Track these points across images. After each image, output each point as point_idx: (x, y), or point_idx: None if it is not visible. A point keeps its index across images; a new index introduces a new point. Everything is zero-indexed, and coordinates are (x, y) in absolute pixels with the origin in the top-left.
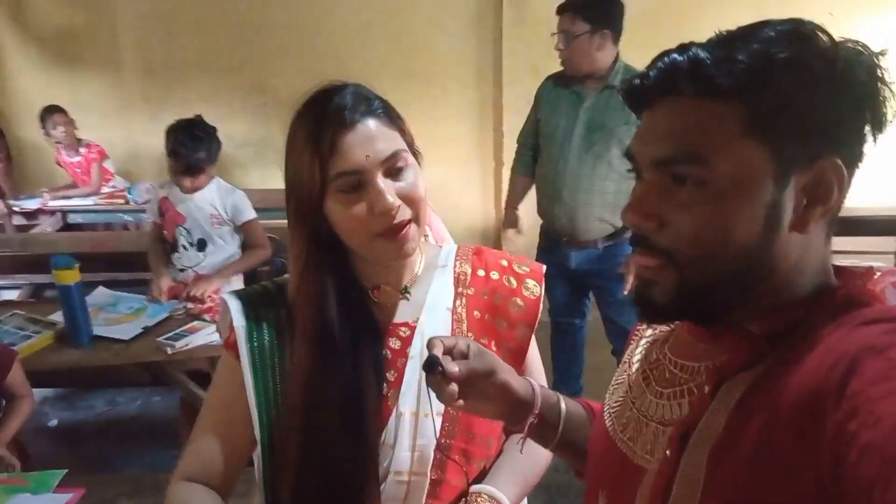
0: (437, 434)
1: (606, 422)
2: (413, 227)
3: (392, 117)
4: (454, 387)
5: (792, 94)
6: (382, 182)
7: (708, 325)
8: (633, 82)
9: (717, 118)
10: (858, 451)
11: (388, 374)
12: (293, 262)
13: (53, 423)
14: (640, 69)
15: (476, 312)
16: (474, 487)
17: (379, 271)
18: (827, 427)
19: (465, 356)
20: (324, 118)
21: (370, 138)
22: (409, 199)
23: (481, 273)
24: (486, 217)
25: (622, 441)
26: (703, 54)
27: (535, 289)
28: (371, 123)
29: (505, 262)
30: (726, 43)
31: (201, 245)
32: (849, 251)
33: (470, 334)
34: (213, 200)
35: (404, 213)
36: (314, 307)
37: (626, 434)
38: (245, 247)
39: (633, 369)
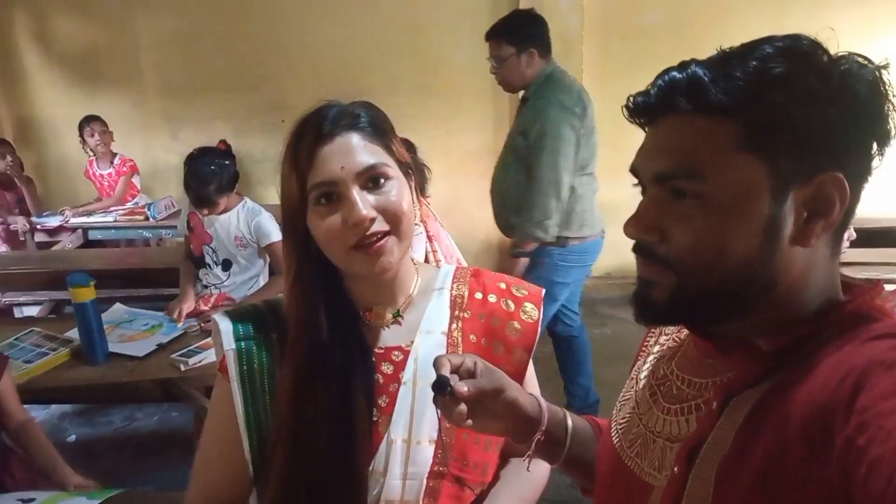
0: (431, 462)
1: (613, 438)
2: (391, 240)
3: (378, 132)
4: (463, 407)
5: (787, 110)
6: (357, 194)
7: (705, 334)
8: (636, 99)
9: (713, 134)
10: (867, 466)
11: (379, 400)
12: (285, 278)
13: (72, 438)
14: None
15: (472, 336)
16: None
17: (371, 292)
18: (836, 442)
19: (472, 374)
20: (303, 131)
21: (348, 150)
22: (387, 212)
23: (479, 296)
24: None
25: (629, 457)
26: (700, 72)
27: (533, 312)
28: (351, 137)
29: (503, 285)
30: (724, 60)
31: (226, 265)
32: (871, 262)
33: (462, 353)
34: (238, 222)
35: (380, 226)
36: (304, 325)
37: (633, 450)
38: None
39: (641, 385)
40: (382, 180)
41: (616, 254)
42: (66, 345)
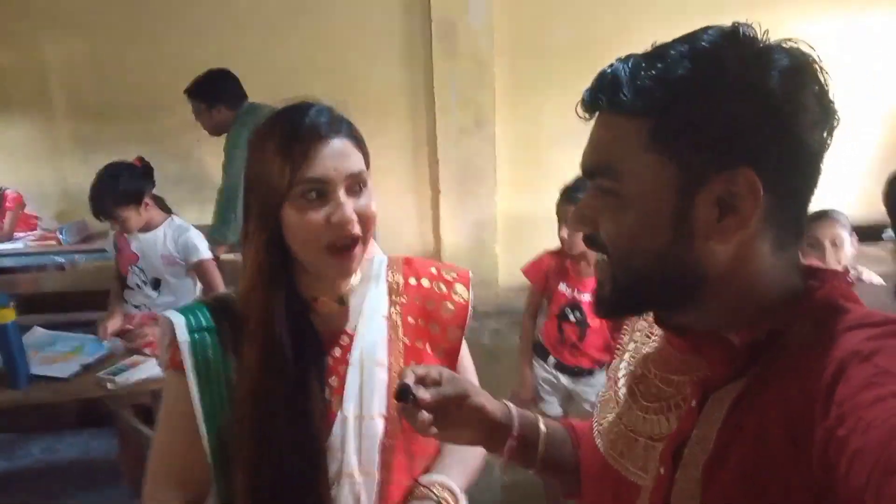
0: (382, 434)
1: (596, 439)
2: (360, 246)
3: (359, 141)
4: (425, 414)
5: (690, 112)
6: (344, 195)
7: (675, 330)
8: (583, 94)
9: (626, 133)
10: (848, 458)
11: (330, 380)
12: (248, 264)
13: None
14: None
15: (410, 319)
16: (424, 479)
17: (319, 284)
18: (817, 434)
19: (437, 384)
20: (300, 128)
21: (341, 153)
22: (363, 218)
23: (413, 281)
24: (426, 245)
25: (614, 458)
26: (620, 71)
27: (463, 293)
28: (343, 142)
29: (434, 270)
30: (640, 61)
31: (155, 284)
32: None
33: (405, 338)
34: (165, 240)
35: (356, 230)
36: (264, 312)
37: (616, 451)
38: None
39: (619, 384)
40: (362, 187)
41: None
42: None
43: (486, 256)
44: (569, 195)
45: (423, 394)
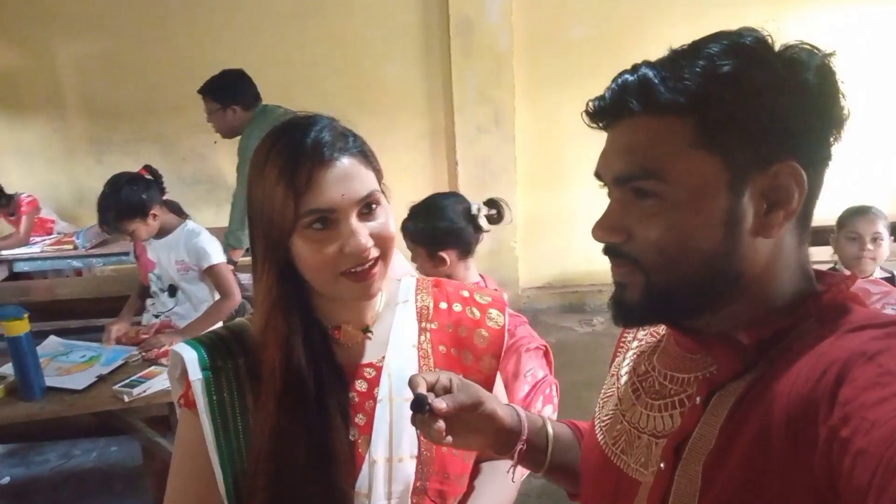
0: (413, 478)
1: (598, 436)
2: (380, 265)
3: (368, 156)
4: (441, 424)
5: (736, 106)
6: (356, 222)
7: (682, 330)
8: (593, 104)
9: (666, 133)
10: (852, 458)
11: (356, 419)
12: (261, 299)
13: (6, 480)
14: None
15: (441, 347)
16: None
17: (340, 310)
18: (820, 434)
19: (448, 390)
20: (301, 152)
21: (347, 177)
22: (380, 238)
23: (443, 306)
24: None
25: (615, 454)
26: (650, 73)
27: (498, 318)
28: (348, 162)
29: (466, 293)
30: (673, 61)
31: (172, 291)
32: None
33: (437, 370)
34: (177, 246)
35: (374, 254)
36: (282, 348)
37: (618, 447)
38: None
39: (622, 381)
40: (375, 206)
41: (555, 264)
42: (0, 381)
43: (505, 256)
44: (406, 223)
45: (440, 404)
